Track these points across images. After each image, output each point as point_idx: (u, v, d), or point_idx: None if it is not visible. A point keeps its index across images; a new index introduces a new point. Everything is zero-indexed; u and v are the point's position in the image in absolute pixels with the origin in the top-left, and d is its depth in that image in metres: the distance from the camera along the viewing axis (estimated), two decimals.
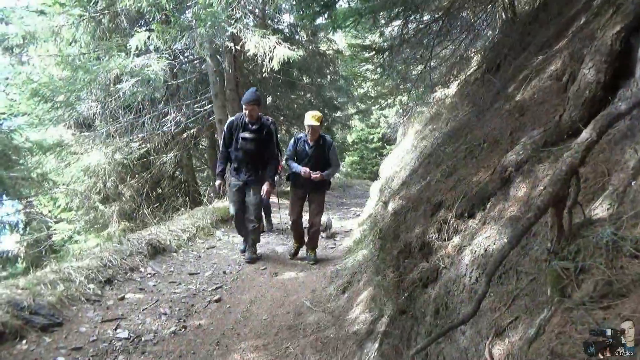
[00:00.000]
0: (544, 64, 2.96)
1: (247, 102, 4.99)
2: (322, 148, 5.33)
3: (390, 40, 6.44)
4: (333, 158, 5.41)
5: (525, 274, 1.57)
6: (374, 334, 2.49)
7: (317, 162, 5.30)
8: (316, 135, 5.29)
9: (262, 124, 5.18)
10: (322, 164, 5.32)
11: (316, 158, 5.31)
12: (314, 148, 5.32)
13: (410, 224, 2.53)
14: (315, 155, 5.32)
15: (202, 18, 7.44)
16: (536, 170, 1.80)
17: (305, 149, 5.35)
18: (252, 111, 5.00)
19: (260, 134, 5.14)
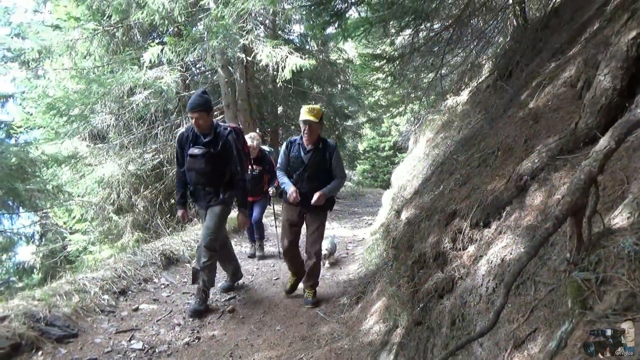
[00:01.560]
0: (558, 70, 2.93)
1: (191, 108, 3.86)
2: (323, 154, 4.16)
3: (401, 49, 6.45)
4: (337, 167, 4.22)
5: (543, 284, 1.54)
6: (389, 345, 2.46)
7: (316, 173, 4.16)
8: (314, 136, 4.13)
9: (217, 135, 4.01)
10: (323, 176, 4.19)
11: (315, 167, 4.16)
12: (311, 154, 4.16)
13: (424, 233, 2.51)
14: (314, 163, 4.15)
15: (213, 30, 7.56)
16: (552, 178, 1.78)
17: (300, 155, 4.18)
18: (200, 120, 3.88)
19: (213, 148, 3.99)
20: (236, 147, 4.12)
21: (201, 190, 4.17)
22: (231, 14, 7.55)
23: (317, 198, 4.01)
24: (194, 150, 3.96)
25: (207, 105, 3.99)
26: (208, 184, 4.10)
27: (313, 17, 5.46)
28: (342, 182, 4.33)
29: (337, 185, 4.25)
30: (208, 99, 4.03)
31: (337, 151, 4.24)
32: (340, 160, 4.31)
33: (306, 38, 12.88)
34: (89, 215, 10.00)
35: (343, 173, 4.30)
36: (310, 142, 4.15)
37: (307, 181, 4.17)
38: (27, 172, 7.72)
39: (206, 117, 3.93)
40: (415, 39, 5.75)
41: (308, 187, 4.13)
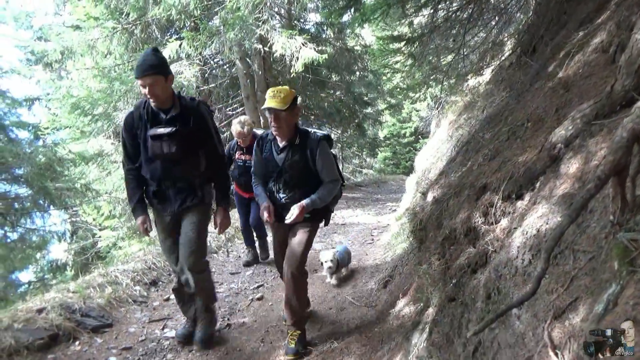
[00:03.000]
0: (587, 38, 2.82)
1: (142, 72, 2.80)
2: (302, 152, 3.10)
3: (419, 29, 6.33)
4: (325, 167, 3.14)
5: (583, 252, 1.48)
6: (421, 324, 2.43)
7: (296, 178, 3.14)
8: (287, 128, 3.05)
9: (185, 108, 3.02)
10: (306, 181, 3.15)
11: (292, 171, 3.12)
12: (286, 153, 3.12)
13: (453, 210, 2.47)
14: (291, 165, 3.11)
15: (230, 22, 7.56)
16: (588, 144, 1.71)
17: (273, 155, 3.17)
18: (155, 87, 2.82)
19: (183, 124, 2.98)
20: (211, 120, 3.19)
21: (170, 187, 3.10)
22: (246, 5, 7.54)
23: (292, 214, 2.99)
24: (157, 130, 2.93)
25: (163, 66, 2.91)
26: (180, 177, 3.09)
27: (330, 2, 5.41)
28: (335, 187, 3.21)
29: (327, 193, 3.15)
30: (163, 58, 3.00)
31: (324, 146, 3.13)
32: (330, 157, 3.19)
33: (322, 27, 12.78)
34: (117, 212, 10.20)
35: (334, 175, 3.20)
36: (283, 138, 3.11)
37: (284, 190, 3.17)
38: (56, 171, 7.94)
39: (164, 84, 2.89)
40: (435, 18, 5.63)
41: (288, 198, 3.15)
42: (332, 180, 3.17)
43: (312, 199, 3.06)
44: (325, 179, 3.16)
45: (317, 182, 3.17)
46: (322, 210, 3.29)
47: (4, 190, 8.51)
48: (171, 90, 3.01)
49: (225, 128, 10.87)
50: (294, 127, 3.12)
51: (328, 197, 3.17)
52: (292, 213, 2.98)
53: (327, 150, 3.17)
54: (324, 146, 3.13)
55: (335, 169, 3.23)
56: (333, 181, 3.18)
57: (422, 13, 6.10)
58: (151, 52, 2.92)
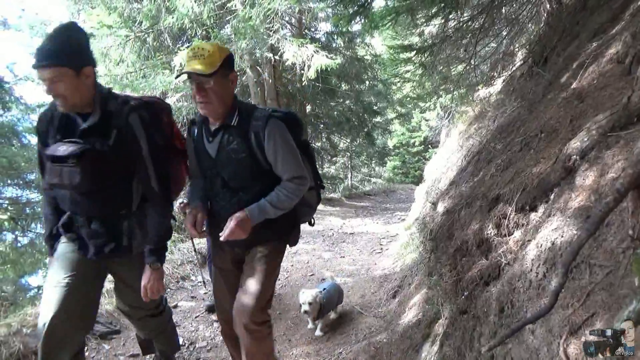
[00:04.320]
0: (601, 48, 2.80)
1: (36, 63, 1.88)
2: (243, 137, 2.13)
3: (430, 39, 6.33)
4: (281, 158, 2.14)
5: (599, 267, 1.45)
6: (432, 336, 2.40)
7: (236, 177, 2.18)
8: (216, 103, 2.07)
9: (107, 115, 2.07)
10: (252, 180, 2.18)
11: (230, 165, 2.16)
12: (220, 139, 2.17)
13: (464, 221, 2.44)
14: (228, 157, 2.16)
15: (241, 32, 7.62)
16: (604, 156, 1.68)
17: (204, 144, 2.23)
18: (57, 84, 1.91)
19: (99, 140, 2.04)
20: (148, 137, 2.11)
21: (83, 226, 2.15)
22: (258, 14, 7.60)
23: (228, 229, 1.99)
24: (58, 149, 1.98)
25: (74, 54, 1.94)
26: (93, 214, 2.13)
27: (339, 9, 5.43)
28: (299, 188, 2.15)
29: (285, 196, 2.12)
30: (75, 40, 1.98)
31: (276, 127, 2.10)
32: (288, 144, 2.14)
33: (332, 36, 12.86)
34: None
35: (296, 170, 2.15)
36: (214, 117, 2.13)
37: (223, 194, 2.18)
38: None
39: (75, 80, 1.93)
40: (446, 28, 5.62)
41: (228, 206, 2.16)
42: (292, 177, 2.11)
43: (260, 206, 2.07)
44: (283, 176, 2.13)
45: (273, 181, 2.16)
46: (286, 224, 2.31)
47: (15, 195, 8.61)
48: (91, 89, 2.02)
49: None
50: (230, 101, 2.11)
51: (287, 201, 2.11)
52: (227, 226, 1.99)
53: (283, 133, 2.12)
54: (277, 127, 2.09)
55: (298, 160, 2.16)
56: (295, 179, 2.11)
57: (432, 23, 6.11)
58: (58, 32, 1.95)
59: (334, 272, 5.33)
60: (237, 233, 1.99)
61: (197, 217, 2.17)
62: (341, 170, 23.38)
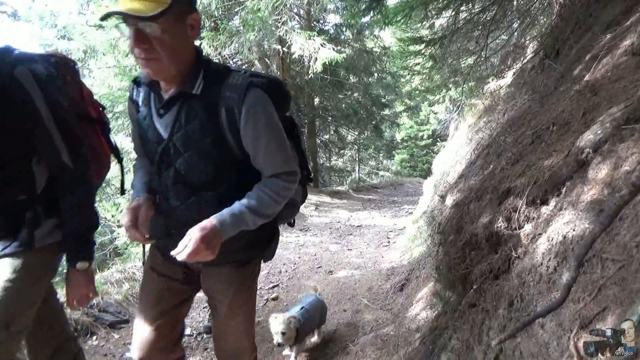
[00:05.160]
0: (615, 40, 2.75)
1: None
2: (210, 112, 1.43)
3: (440, 31, 6.27)
4: (264, 146, 1.46)
5: (612, 261, 1.44)
6: (439, 329, 2.39)
7: (198, 170, 1.49)
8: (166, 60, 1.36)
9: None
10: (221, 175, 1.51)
11: (191, 154, 1.47)
12: (177, 115, 1.47)
13: (474, 214, 2.42)
14: (185, 141, 1.46)
15: (250, 23, 7.61)
16: (618, 149, 1.65)
17: (152, 118, 1.54)
18: None
19: None
20: (47, 97, 1.59)
21: None
22: (267, 6, 7.58)
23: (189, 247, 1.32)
24: None
25: None
26: None
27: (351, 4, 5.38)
28: (288, 188, 1.53)
29: (270, 198, 1.49)
30: None
31: (262, 103, 1.46)
32: (274, 127, 1.50)
33: (341, 28, 12.79)
34: None
35: (286, 163, 1.54)
36: (165, 80, 1.48)
37: (176, 191, 1.55)
38: None
39: None
40: (456, 20, 5.57)
41: (183, 207, 1.55)
42: (279, 172, 1.50)
43: (235, 213, 1.41)
44: (265, 171, 1.51)
45: (247, 175, 1.52)
46: (262, 236, 1.67)
47: None
48: None
49: None
50: (189, 57, 1.46)
51: (272, 206, 1.49)
52: (184, 243, 1.32)
53: (268, 111, 1.46)
54: (260, 101, 1.44)
55: (287, 150, 1.54)
56: (282, 175, 1.51)
57: (443, 15, 6.05)
58: None
59: (338, 265, 5.33)
60: (202, 254, 1.33)
61: (139, 213, 1.53)
62: (349, 163, 23.37)
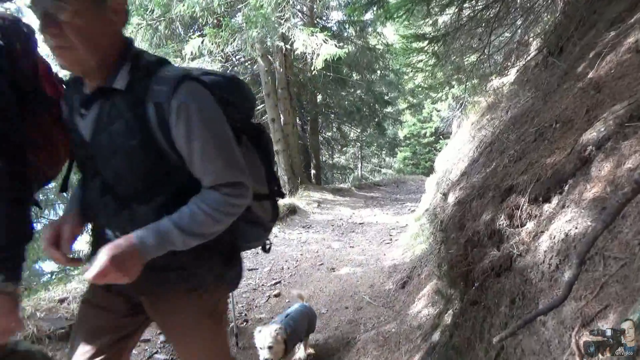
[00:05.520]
0: (619, 38, 2.74)
1: None
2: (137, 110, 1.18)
3: (443, 28, 6.25)
4: (200, 151, 1.20)
5: (614, 259, 1.44)
6: (441, 327, 2.39)
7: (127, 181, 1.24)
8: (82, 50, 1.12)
9: None
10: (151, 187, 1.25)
11: (117, 161, 1.22)
12: (99, 113, 1.22)
13: (476, 212, 2.42)
14: (110, 147, 1.21)
15: (252, 20, 7.60)
16: (621, 147, 1.65)
17: (75, 123, 1.29)
18: None
19: None
20: None
21: None
22: (269, 3, 7.56)
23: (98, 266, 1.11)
24: None
25: None
26: None
27: None
28: (231, 203, 1.25)
29: (208, 216, 1.22)
30: None
31: (196, 98, 1.20)
32: (212, 127, 1.23)
33: (344, 25, 12.77)
34: None
35: (228, 172, 1.25)
36: (83, 73, 1.25)
37: (105, 204, 1.30)
38: None
39: None
40: (460, 17, 5.54)
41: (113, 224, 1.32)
42: (219, 183, 1.25)
43: (160, 230, 1.20)
44: (203, 180, 1.27)
45: (191, 186, 1.27)
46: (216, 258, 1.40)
47: None
48: None
49: None
50: (111, 47, 1.22)
51: (209, 223, 1.24)
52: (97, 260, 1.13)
53: (205, 108, 1.23)
54: (194, 96, 1.21)
55: (230, 155, 1.27)
56: (223, 187, 1.26)
57: (446, 12, 6.02)
58: None
59: (340, 263, 5.33)
60: (111, 276, 1.12)
61: (60, 231, 1.32)
62: (351, 160, 23.37)
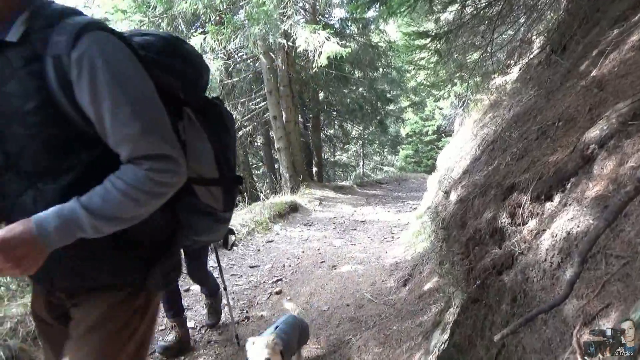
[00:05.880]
0: (623, 36, 2.73)
1: None
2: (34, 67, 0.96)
3: (446, 26, 6.23)
4: (112, 113, 0.97)
5: (616, 257, 1.43)
6: (442, 324, 2.39)
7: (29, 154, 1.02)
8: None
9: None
10: (59, 159, 1.03)
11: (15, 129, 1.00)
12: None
13: (478, 210, 2.42)
14: (6, 112, 0.99)
15: (254, 17, 7.59)
16: (624, 145, 1.64)
17: None
18: None
19: None
20: None
21: None
22: (272, 0, 7.55)
23: None
24: None
25: None
26: None
27: None
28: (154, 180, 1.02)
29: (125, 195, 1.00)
30: None
31: (103, 48, 1.00)
32: (124, 82, 1.00)
33: (347, 22, 12.75)
34: None
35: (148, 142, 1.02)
36: None
37: (8, 181, 1.06)
38: None
39: None
40: (462, 14, 5.53)
41: (18, 206, 1.07)
42: (139, 156, 1.03)
43: (64, 212, 0.98)
44: (122, 153, 1.05)
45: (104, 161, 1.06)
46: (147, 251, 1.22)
47: None
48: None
49: (247, 122, 10.92)
50: None
51: (129, 205, 1.03)
52: None
53: (117, 59, 1.03)
54: (99, 46, 1.01)
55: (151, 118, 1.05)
56: (144, 160, 1.03)
57: (449, 9, 6.01)
58: None
59: (342, 260, 5.33)
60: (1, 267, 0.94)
61: None
62: (353, 158, 23.36)
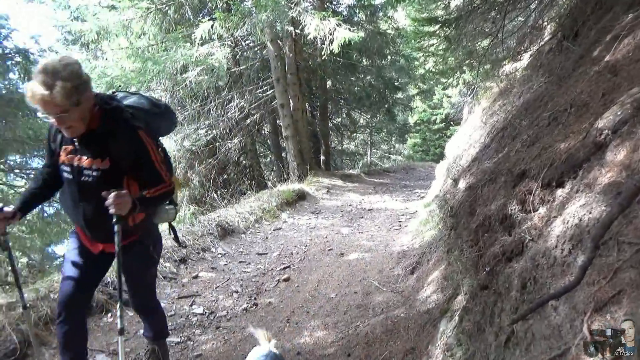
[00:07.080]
0: (637, 20, 2.67)
1: None
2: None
3: (456, 12, 6.14)
4: None
5: (628, 244, 1.41)
6: (450, 312, 2.39)
7: None
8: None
9: None
10: None
11: None
12: None
13: (487, 197, 2.40)
14: None
15: (262, 4, 7.51)
16: (638, 131, 1.62)
17: None
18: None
19: None
20: None
21: None
22: None
23: None
24: None
25: None
26: None
27: None
28: None
29: None
30: None
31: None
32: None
33: (354, 9, 12.61)
34: None
35: None
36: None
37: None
38: None
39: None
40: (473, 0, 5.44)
41: None
42: None
43: None
44: None
45: None
46: None
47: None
48: None
49: (255, 110, 10.87)
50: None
51: None
52: None
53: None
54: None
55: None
56: None
57: None
58: None
59: (349, 248, 5.33)
60: None
61: None
62: (361, 146, 23.26)
